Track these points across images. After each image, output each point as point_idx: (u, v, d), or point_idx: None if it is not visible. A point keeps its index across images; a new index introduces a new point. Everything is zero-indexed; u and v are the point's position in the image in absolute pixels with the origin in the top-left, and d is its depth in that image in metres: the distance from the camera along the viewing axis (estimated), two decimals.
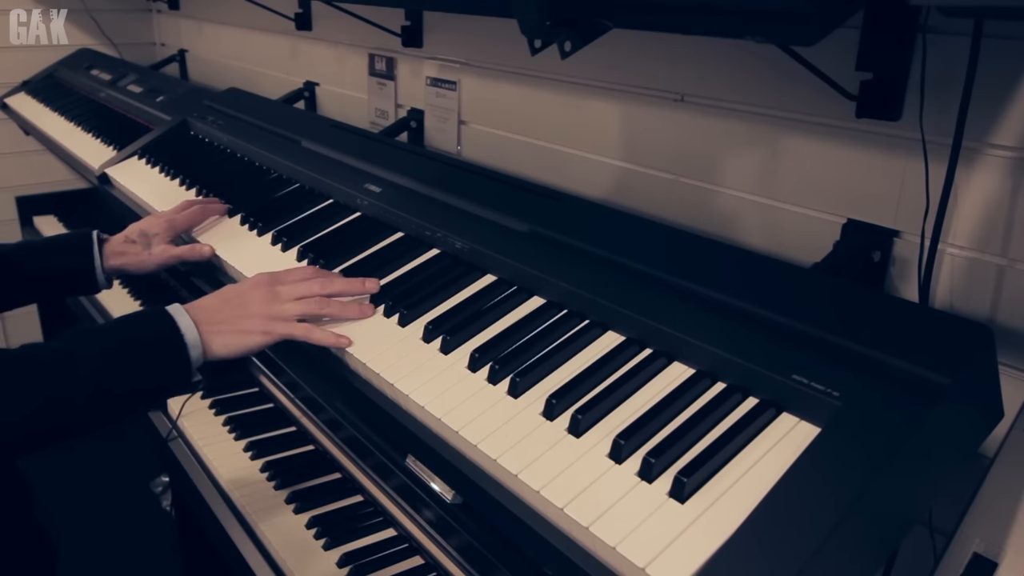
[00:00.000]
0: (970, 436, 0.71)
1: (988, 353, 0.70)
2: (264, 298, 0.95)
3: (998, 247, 0.86)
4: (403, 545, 1.10)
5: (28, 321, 2.73)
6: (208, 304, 0.94)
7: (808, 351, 0.72)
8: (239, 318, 0.93)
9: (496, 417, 0.79)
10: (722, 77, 1.09)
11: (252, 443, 1.33)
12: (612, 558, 0.64)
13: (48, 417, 0.81)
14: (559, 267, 0.94)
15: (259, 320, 0.93)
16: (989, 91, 0.82)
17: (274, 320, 0.93)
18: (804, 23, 0.66)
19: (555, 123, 1.38)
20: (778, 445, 0.69)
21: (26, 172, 2.72)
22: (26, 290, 1.18)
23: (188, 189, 1.53)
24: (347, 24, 1.77)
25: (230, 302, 0.94)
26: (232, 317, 0.93)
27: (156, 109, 1.99)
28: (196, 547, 1.46)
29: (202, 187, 1.50)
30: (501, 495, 0.74)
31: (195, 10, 2.65)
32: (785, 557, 0.58)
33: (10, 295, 1.17)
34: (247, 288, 0.97)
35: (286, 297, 0.96)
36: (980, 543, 0.67)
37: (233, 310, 0.93)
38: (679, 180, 1.18)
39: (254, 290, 0.96)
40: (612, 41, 0.92)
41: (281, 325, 0.93)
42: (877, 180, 0.94)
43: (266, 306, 0.94)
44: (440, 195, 1.18)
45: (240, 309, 0.94)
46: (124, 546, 2.24)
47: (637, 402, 0.77)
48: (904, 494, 0.66)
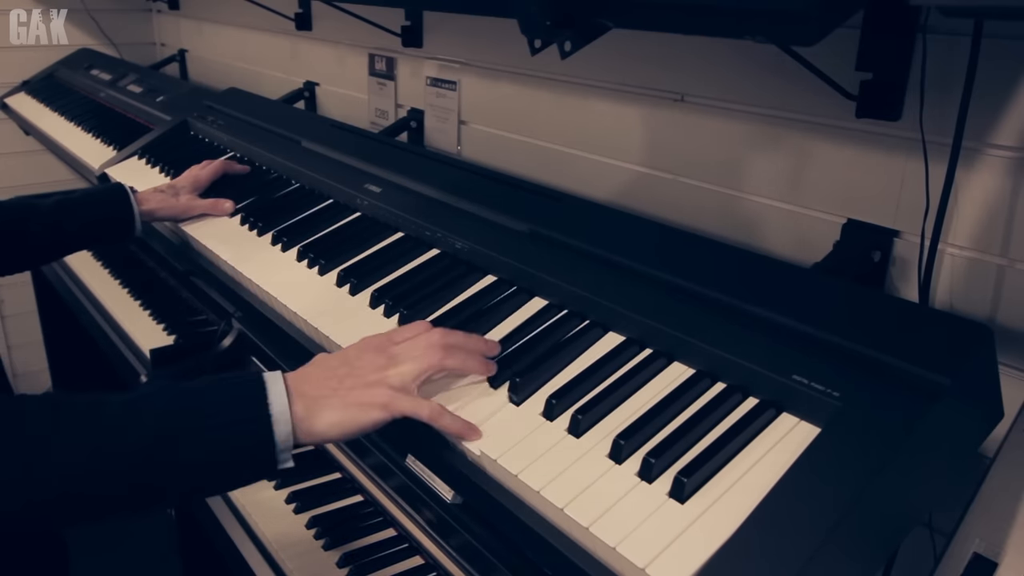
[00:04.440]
0: (970, 436, 0.71)
1: (988, 353, 0.70)
2: (378, 363, 0.77)
3: (998, 247, 0.86)
4: (403, 545, 1.10)
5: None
6: (313, 372, 0.77)
7: (808, 351, 0.72)
8: (351, 388, 0.75)
9: (496, 417, 0.79)
10: (722, 77, 1.09)
11: None
12: (612, 558, 0.64)
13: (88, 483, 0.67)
14: (559, 267, 0.94)
15: (379, 391, 0.75)
16: (989, 91, 0.82)
17: (396, 392, 0.75)
18: (804, 23, 0.66)
19: (555, 123, 1.38)
20: (778, 445, 0.69)
21: (26, 172, 2.72)
22: (67, 242, 1.29)
23: None
24: (347, 24, 1.77)
25: (337, 372, 0.76)
26: (339, 388, 0.75)
27: (156, 109, 1.98)
28: (196, 547, 1.45)
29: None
30: (501, 495, 0.74)
31: (195, 10, 2.65)
32: (785, 557, 0.58)
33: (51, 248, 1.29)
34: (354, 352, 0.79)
35: (404, 358, 0.77)
36: (980, 543, 0.67)
37: (342, 380, 0.75)
38: (678, 180, 1.18)
39: (364, 354, 0.78)
40: (612, 41, 0.92)
41: (406, 401, 0.75)
42: (877, 180, 0.94)
43: (380, 371, 0.76)
44: (440, 195, 1.18)
45: (352, 377, 0.76)
46: (124, 546, 2.24)
47: (637, 402, 0.77)
48: (904, 494, 0.66)
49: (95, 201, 1.32)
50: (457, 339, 0.80)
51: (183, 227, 1.36)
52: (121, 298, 1.81)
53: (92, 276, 1.93)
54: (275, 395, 0.71)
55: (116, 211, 1.30)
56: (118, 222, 1.30)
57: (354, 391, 0.74)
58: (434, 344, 0.78)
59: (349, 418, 0.73)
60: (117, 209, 1.30)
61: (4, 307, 2.80)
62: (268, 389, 0.71)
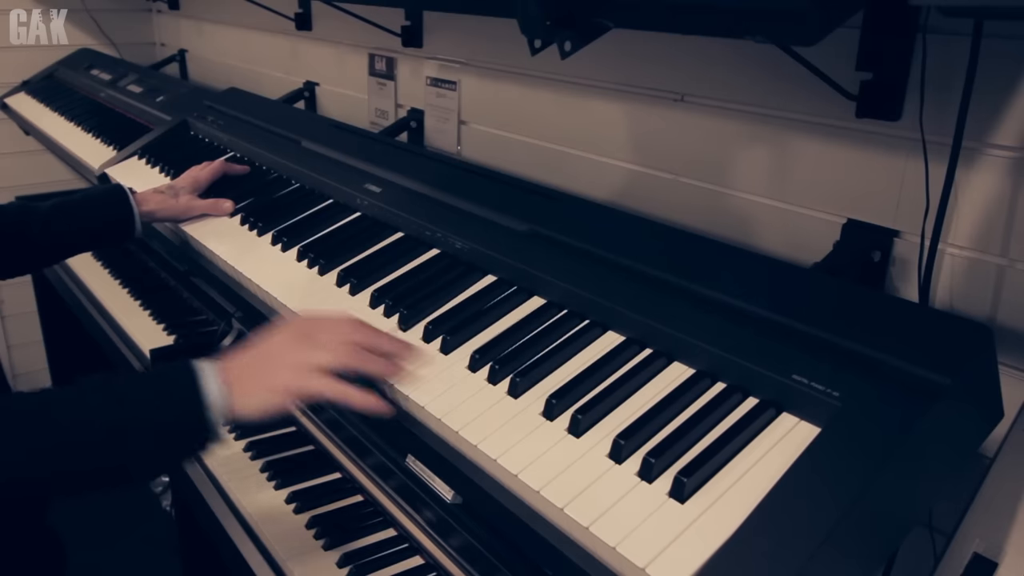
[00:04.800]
0: (970, 436, 0.71)
1: (988, 353, 0.70)
2: (298, 351, 0.84)
3: (998, 247, 0.86)
4: (403, 545, 1.10)
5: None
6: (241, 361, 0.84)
7: (808, 351, 0.72)
8: (272, 371, 0.83)
9: (496, 417, 0.79)
10: (722, 77, 1.09)
11: (252, 443, 1.33)
12: (612, 558, 0.64)
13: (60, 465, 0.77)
14: (559, 267, 0.94)
15: (288, 373, 0.82)
16: (989, 91, 0.82)
17: (302, 373, 0.82)
18: (804, 23, 0.66)
19: (555, 123, 1.38)
20: (778, 445, 0.69)
21: (26, 172, 2.72)
22: (67, 245, 1.30)
23: None
24: (347, 24, 1.77)
25: (263, 357, 0.85)
26: (262, 371, 0.83)
27: (156, 109, 1.98)
28: (196, 547, 1.45)
29: None
30: (501, 495, 0.74)
31: (195, 10, 2.65)
32: (785, 557, 0.58)
33: (51, 251, 1.29)
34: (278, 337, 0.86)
35: (321, 348, 0.84)
36: (980, 543, 0.67)
37: (265, 364, 0.83)
38: (678, 180, 1.18)
39: (284, 337, 0.86)
40: (612, 41, 0.92)
41: (311, 380, 0.82)
42: (877, 180, 0.94)
43: (301, 358, 0.83)
44: (440, 195, 1.18)
45: (276, 361, 0.84)
46: (124, 546, 2.24)
47: (637, 402, 0.77)
48: (904, 494, 0.66)
49: (94, 203, 1.32)
50: (370, 340, 0.86)
51: (183, 227, 1.36)
52: (121, 298, 1.81)
53: (92, 276, 1.93)
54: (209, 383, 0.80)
55: (116, 213, 1.30)
56: (118, 223, 1.30)
57: (275, 376, 0.83)
58: (349, 343, 0.85)
59: (268, 400, 0.82)
60: (117, 211, 1.30)
61: (4, 307, 2.80)
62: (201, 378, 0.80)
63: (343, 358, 0.84)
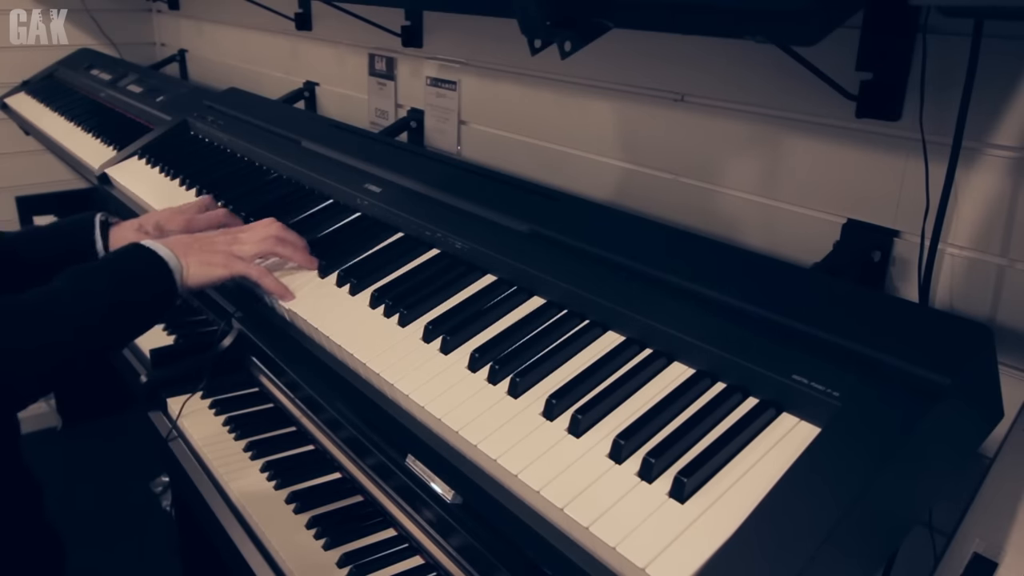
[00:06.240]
0: (970, 436, 0.71)
1: (988, 353, 0.70)
2: (227, 240, 1.11)
3: (998, 247, 0.86)
4: (403, 545, 1.10)
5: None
6: (180, 240, 1.09)
7: (808, 351, 0.72)
8: (207, 252, 1.07)
9: (496, 417, 0.79)
10: (722, 77, 1.09)
11: (252, 443, 1.33)
12: (612, 558, 0.64)
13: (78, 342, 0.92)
14: (559, 267, 0.94)
15: (222, 256, 1.07)
16: (989, 91, 0.82)
17: (235, 258, 1.07)
18: (804, 23, 0.67)
19: (555, 123, 1.38)
20: (778, 445, 0.69)
21: (26, 172, 2.72)
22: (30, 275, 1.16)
23: (188, 189, 1.53)
24: (347, 24, 1.77)
25: (199, 240, 1.10)
26: (200, 250, 1.07)
27: (156, 109, 1.98)
28: (196, 547, 1.46)
29: (202, 187, 1.50)
30: (501, 495, 0.74)
31: (195, 10, 2.65)
32: (785, 557, 0.58)
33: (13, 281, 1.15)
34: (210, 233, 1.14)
35: (245, 240, 1.10)
36: (980, 543, 0.67)
37: (202, 246, 1.08)
38: (679, 180, 1.18)
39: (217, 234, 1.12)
40: (612, 41, 0.92)
41: (240, 264, 1.08)
42: (877, 180, 0.94)
43: (227, 245, 1.09)
44: (440, 195, 1.18)
45: (208, 246, 1.08)
46: (124, 546, 2.24)
47: (637, 402, 0.77)
48: (904, 494, 0.66)
49: (58, 233, 1.21)
50: (290, 236, 1.13)
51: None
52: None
53: None
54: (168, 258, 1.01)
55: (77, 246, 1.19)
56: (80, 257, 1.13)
57: (210, 254, 1.07)
58: (271, 235, 1.11)
59: (205, 272, 1.05)
60: (78, 244, 1.19)
61: None
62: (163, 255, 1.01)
63: (262, 246, 1.10)
